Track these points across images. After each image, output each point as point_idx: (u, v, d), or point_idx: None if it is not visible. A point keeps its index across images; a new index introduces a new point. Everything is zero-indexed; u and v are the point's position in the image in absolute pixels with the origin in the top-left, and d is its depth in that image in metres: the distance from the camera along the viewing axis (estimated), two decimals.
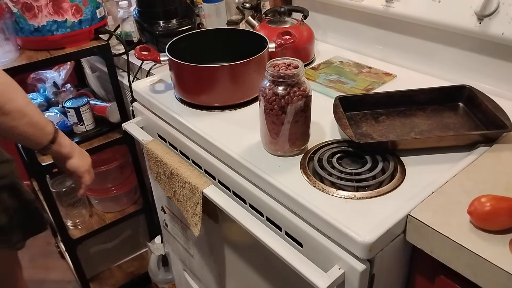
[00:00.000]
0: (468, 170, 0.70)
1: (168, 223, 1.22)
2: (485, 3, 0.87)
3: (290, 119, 0.73)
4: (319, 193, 0.69)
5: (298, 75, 0.71)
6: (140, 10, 1.31)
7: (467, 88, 0.86)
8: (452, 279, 0.62)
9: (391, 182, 0.69)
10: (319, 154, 0.77)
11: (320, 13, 1.26)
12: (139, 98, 1.06)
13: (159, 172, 0.98)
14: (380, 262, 0.64)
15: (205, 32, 1.08)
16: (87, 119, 1.42)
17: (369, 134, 0.81)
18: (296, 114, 0.72)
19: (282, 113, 0.72)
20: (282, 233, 0.74)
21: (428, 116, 0.85)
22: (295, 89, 0.71)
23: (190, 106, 0.95)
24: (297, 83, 0.71)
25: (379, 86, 0.99)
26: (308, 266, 0.66)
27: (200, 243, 1.09)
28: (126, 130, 1.06)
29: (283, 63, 0.74)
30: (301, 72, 0.72)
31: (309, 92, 0.73)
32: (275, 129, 0.74)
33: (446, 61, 1.02)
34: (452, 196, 0.65)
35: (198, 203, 0.87)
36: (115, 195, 1.63)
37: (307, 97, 0.72)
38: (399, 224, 0.63)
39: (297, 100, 0.71)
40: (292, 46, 1.03)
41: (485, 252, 0.55)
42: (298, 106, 0.72)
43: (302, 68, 0.72)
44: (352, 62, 1.12)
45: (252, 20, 1.17)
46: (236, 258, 0.96)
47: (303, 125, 0.75)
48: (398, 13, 1.03)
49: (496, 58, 0.93)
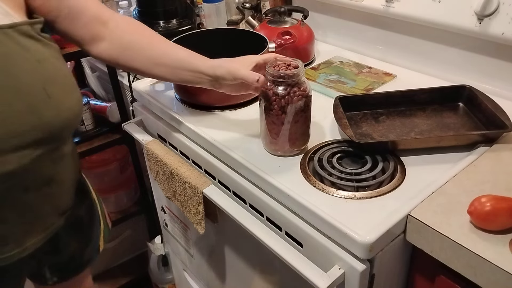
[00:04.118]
0: (468, 170, 0.70)
1: (168, 223, 1.22)
2: (485, 3, 0.87)
3: (290, 119, 0.73)
4: (319, 193, 0.69)
5: (298, 75, 0.71)
6: (140, 10, 1.31)
7: (467, 88, 0.86)
8: (452, 279, 0.62)
9: (391, 182, 0.70)
10: (319, 154, 0.77)
11: (320, 13, 1.26)
12: (139, 98, 1.06)
13: (159, 172, 0.98)
14: (380, 262, 0.64)
15: (205, 32, 1.08)
16: (87, 119, 1.42)
17: (369, 134, 0.81)
18: (296, 114, 0.72)
19: (282, 113, 0.72)
20: (282, 233, 0.74)
21: (428, 116, 0.85)
22: (295, 89, 0.71)
23: (190, 106, 0.95)
24: (297, 83, 0.71)
25: (379, 86, 0.99)
26: (308, 266, 0.66)
27: (200, 243, 1.09)
28: (126, 130, 1.05)
29: (283, 63, 0.74)
30: (301, 72, 0.71)
31: (309, 92, 0.73)
32: (275, 129, 0.74)
33: (446, 61, 1.02)
34: (452, 196, 0.65)
35: (199, 202, 0.87)
36: (115, 195, 1.63)
37: (307, 97, 0.72)
38: (399, 224, 0.63)
39: (297, 100, 0.71)
40: (292, 46, 1.03)
41: (485, 252, 0.55)
42: (298, 106, 0.72)
43: (302, 68, 0.72)
44: (352, 62, 1.12)
45: (252, 20, 1.17)
46: (236, 258, 0.96)
47: (303, 125, 0.75)
48: (398, 13, 1.03)
49: (496, 58, 0.93)
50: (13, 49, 0.60)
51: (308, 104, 0.74)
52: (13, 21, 0.61)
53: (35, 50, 0.63)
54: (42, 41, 0.65)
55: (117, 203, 1.64)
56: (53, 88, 0.64)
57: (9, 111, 0.59)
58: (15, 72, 0.60)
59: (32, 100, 0.61)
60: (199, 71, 0.77)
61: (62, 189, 0.76)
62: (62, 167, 0.74)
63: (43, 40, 0.65)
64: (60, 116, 0.65)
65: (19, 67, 0.60)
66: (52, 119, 0.63)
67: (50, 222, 0.76)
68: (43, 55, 0.64)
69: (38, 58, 0.63)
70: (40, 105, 0.62)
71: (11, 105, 0.60)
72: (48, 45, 0.66)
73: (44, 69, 0.63)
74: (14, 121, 0.60)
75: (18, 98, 0.60)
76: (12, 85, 0.60)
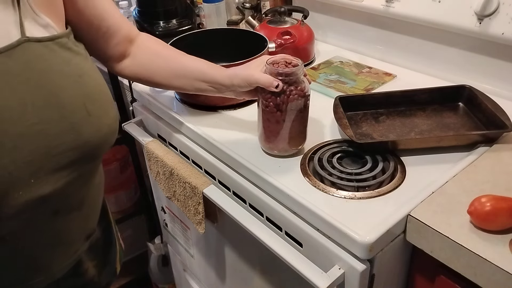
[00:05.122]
0: (468, 170, 0.70)
1: (168, 223, 1.22)
2: (485, 3, 0.87)
3: (285, 118, 0.72)
4: (319, 193, 0.69)
5: (296, 74, 0.70)
6: (140, 10, 1.31)
7: (467, 88, 0.86)
8: (452, 279, 0.62)
9: (391, 182, 0.70)
10: (319, 154, 0.77)
11: (320, 13, 1.26)
12: (139, 98, 1.06)
13: (159, 172, 0.98)
14: (380, 262, 0.64)
15: (205, 32, 1.08)
16: None
17: (369, 134, 0.81)
18: (292, 113, 0.72)
19: (278, 111, 0.71)
20: (282, 233, 0.74)
21: (428, 116, 0.85)
22: (292, 88, 0.70)
23: (190, 106, 0.95)
24: (295, 82, 0.71)
25: (379, 86, 0.99)
26: (308, 266, 0.66)
27: (200, 243, 1.09)
28: (126, 130, 1.05)
29: (283, 60, 0.74)
30: (300, 71, 0.71)
31: (307, 92, 0.72)
32: (270, 127, 0.74)
33: (446, 61, 1.02)
34: (452, 196, 0.65)
35: (199, 202, 0.87)
36: (115, 195, 1.63)
37: (304, 97, 0.72)
38: (399, 224, 0.63)
39: (293, 99, 0.70)
40: (292, 46, 1.03)
41: (485, 252, 0.55)
42: (294, 105, 0.71)
43: (302, 67, 0.71)
44: (352, 62, 1.12)
45: (252, 20, 1.17)
46: (236, 258, 0.96)
47: (300, 125, 0.75)
48: (398, 13, 1.03)
49: (496, 58, 0.93)
50: (54, 64, 0.58)
51: (305, 104, 0.73)
52: (53, 33, 0.59)
53: (75, 64, 0.61)
54: (80, 54, 0.63)
55: (117, 203, 1.64)
56: (93, 104, 0.61)
57: (51, 129, 0.56)
58: (57, 88, 0.57)
59: (73, 118, 0.58)
60: (216, 81, 0.77)
61: (91, 212, 0.74)
62: (93, 189, 0.71)
63: (82, 53, 0.63)
64: (99, 134, 0.61)
65: (60, 83, 0.58)
66: (91, 137, 0.60)
67: (77, 247, 0.72)
68: (82, 69, 0.61)
69: (79, 73, 0.60)
70: (81, 123, 0.59)
71: (53, 123, 0.56)
72: (86, 57, 0.64)
73: (84, 85, 0.61)
74: (55, 140, 0.57)
75: (60, 115, 0.57)
76: (55, 102, 0.57)
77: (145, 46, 0.81)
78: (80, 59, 0.62)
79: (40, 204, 0.59)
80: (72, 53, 0.61)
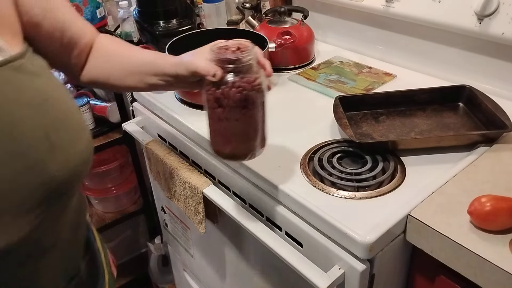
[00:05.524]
0: (468, 170, 0.70)
1: (168, 223, 1.22)
2: (485, 3, 0.87)
3: (228, 116, 0.59)
4: (319, 193, 0.69)
5: (241, 61, 0.57)
6: (140, 10, 1.31)
7: (467, 88, 0.86)
8: (452, 279, 0.62)
9: (391, 182, 0.70)
10: (319, 154, 0.77)
11: (320, 13, 1.26)
12: (139, 98, 1.06)
13: (159, 172, 0.98)
14: (380, 262, 0.64)
15: (205, 32, 1.08)
16: (87, 119, 1.41)
17: (369, 134, 0.81)
18: (234, 110, 0.58)
19: (219, 106, 0.58)
20: (282, 233, 0.74)
21: (428, 116, 0.85)
22: (237, 79, 0.57)
23: (190, 106, 0.95)
24: (244, 71, 0.57)
25: (379, 86, 0.99)
26: (308, 266, 0.66)
27: (200, 243, 1.09)
28: (126, 130, 1.05)
29: (237, 45, 0.60)
30: (247, 57, 0.57)
31: (257, 84, 0.58)
32: (213, 125, 0.63)
33: (446, 61, 1.02)
34: (452, 196, 0.65)
35: (199, 202, 0.87)
36: (115, 195, 1.62)
37: (252, 91, 0.57)
38: (399, 224, 0.63)
39: (236, 92, 0.57)
40: (292, 46, 1.03)
41: (485, 252, 0.55)
42: (237, 100, 0.57)
43: (252, 53, 0.58)
44: (352, 62, 1.12)
45: (252, 20, 1.17)
46: (236, 258, 0.96)
47: (247, 126, 0.60)
48: (398, 13, 1.03)
49: (496, 58, 0.93)
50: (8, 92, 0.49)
51: (254, 101, 0.58)
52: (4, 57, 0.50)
53: (35, 90, 0.52)
54: (41, 75, 0.54)
55: (117, 203, 1.64)
56: (57, 133, 0.52)
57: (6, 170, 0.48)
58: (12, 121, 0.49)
59: (34, 153, 0.50)
60: (164, 73, 0.68)
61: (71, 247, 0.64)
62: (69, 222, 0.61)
63: (42, 74, 0.54)
64: (67, 167, 0.53)
65: (17, 114, 0.49)
66: (57, 172, 0.51)
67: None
68: (46, 93, 0.53)
69: (41, 98, 0.52)
70: (43, 157, 0.50)
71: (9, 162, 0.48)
72: (49, 77, 0.55)
73: (47, 112, 0.52)
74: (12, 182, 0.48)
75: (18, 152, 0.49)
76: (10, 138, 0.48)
77: (100, 48, 0.73)
78: (41, 82, 0.53)
79: (3, 257, 0.51)
80: (31, 76, 0.52)
